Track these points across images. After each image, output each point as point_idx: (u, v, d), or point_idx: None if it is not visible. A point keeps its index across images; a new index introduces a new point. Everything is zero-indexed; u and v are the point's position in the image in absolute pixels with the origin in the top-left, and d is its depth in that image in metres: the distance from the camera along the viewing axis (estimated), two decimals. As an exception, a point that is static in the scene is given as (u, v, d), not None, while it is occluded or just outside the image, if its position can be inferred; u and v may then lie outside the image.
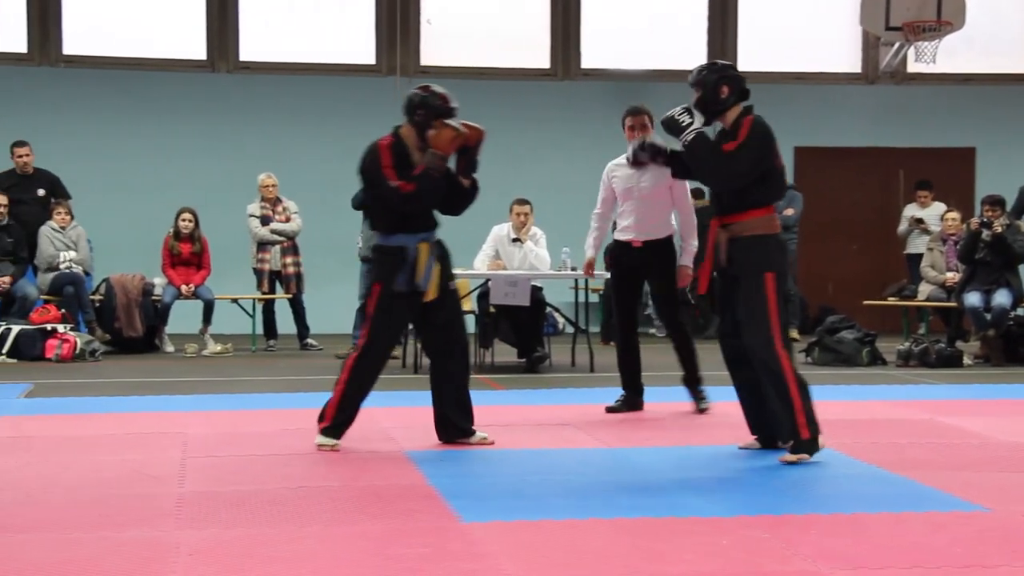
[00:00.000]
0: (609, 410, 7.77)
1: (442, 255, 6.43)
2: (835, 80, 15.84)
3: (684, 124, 6.06)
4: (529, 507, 5.05)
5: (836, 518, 4.86)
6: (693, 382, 7.83)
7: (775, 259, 6.01)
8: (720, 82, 6.08)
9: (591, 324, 11.05)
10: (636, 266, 7.80)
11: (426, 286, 6.29)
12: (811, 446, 5.89)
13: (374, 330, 6.32)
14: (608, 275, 8.64)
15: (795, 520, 4.83)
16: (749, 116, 6.07)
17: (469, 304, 11.53)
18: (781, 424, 6.01)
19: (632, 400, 7.84)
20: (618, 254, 7.89)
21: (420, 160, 6.23)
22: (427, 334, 6.57)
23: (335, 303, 13.59)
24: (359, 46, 15.37)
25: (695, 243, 7.83)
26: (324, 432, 6.36)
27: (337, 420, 6.36)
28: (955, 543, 4.47)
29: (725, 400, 7.27)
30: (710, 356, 7.03)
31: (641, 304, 8.58)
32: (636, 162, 6.65)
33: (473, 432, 6.51)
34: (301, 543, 4.47)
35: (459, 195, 6.41)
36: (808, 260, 14.98)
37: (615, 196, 7.88)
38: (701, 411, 7.74)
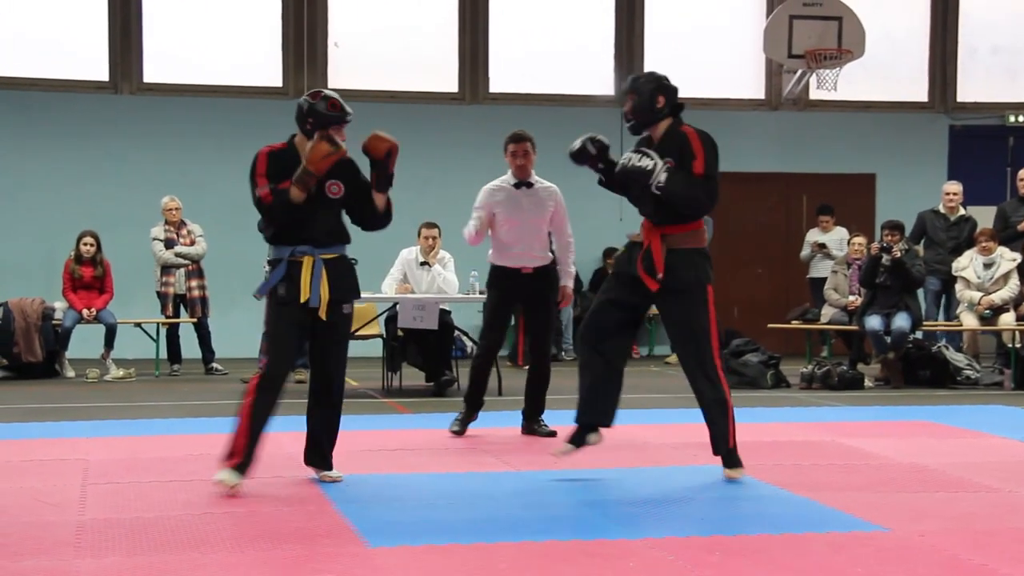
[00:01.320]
0: (455, 432, 7.74)
1: (336, 275, 6.00)
2: (739, 106, 16.09)
3: (649, 168, 5.87)
4: (437, 531, 5.04)
5: (740, 539, 4.92)
6: (539, 413, 7.82)
7: (710, 273, 6.11)
8: (656, 92, 6.06)
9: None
10: (521, 293, 7.76)
11: (316, 302, 5.89)
12: (738, 459, 6.15)
13: (270, 343, 5.95)
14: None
15: (700, 542, 4.87)
16: (689, 127, 6.05)
17: (377, 328, 11.51)
18: (713, 437, 6.13)
19: (467, 423, 7.82)
20: (503, 280, 7.77)
21: (340, 170, 5.97)
22: (311, 355, 6.17)
23: (241, 327, 13.47)
24: (266, 68, 15.29)
25: (574, 267, 7.93)
26: (234, 468, 5.82)
27: (247, 454, 5.86)
28: (856, 563, 4.55)
29: (635, 423, 7.34)
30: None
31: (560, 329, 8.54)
32: (581, 158, 6.21)
33: (331, 466, 6.18)
34: (204, 570, 4.41)
35: (372, 212, 6.10)
36: (715, 283, 15.16)
37: (492, 221, 7.80)
38: (547, 435, 7.67)
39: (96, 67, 14.97)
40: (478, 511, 5.48)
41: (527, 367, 8.06)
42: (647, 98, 6.04)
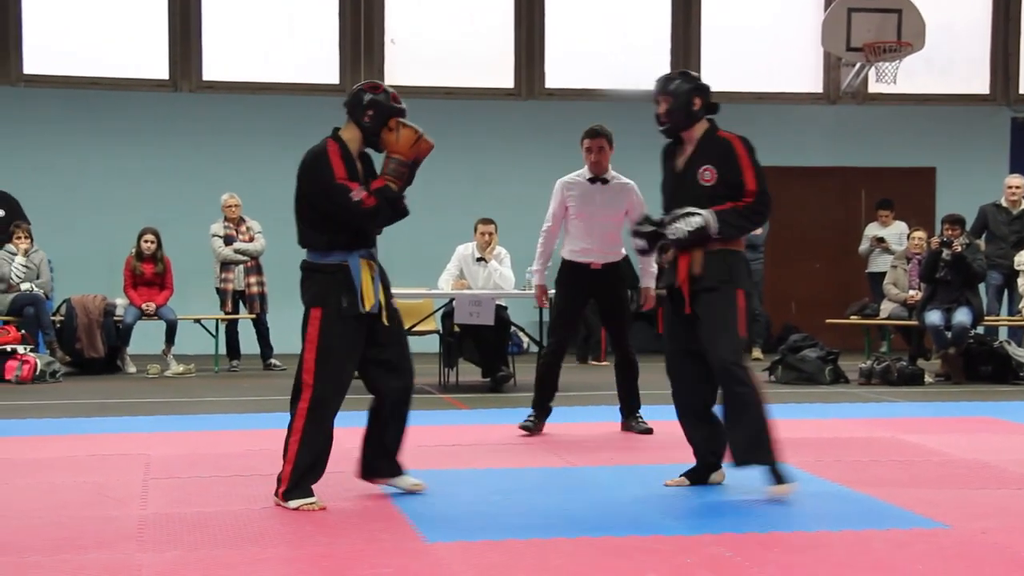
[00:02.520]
0: (524, 428, 7.69)
1: (382, 274, 5.71)
2: (797, 100, 15.98)
3: (702, 225, 5.58)
4: (493, 527, 5.05)
5: (799, 536, 4.89)
6: (634, 408, 7.82)
7: (745, 276, 5.82)
8: (693, 92, 5.81)
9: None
10: (591, 289, 7.76)
11: (377, 308, 5.55)
12: (783, 472, 5.60)
13: (323, 359, 5.47)
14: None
15: (758, 538, 4.85)
16: (729, 134, 5.79)
17: (434, 324, 11.54)
18: (736, 442, 5.66)
19: (541, 423, 7.76)
20: (573, 276, 7.78)
21: (367, 169, 5.64)
22: (372, 369, 5.65)
23: (299, 323, 13.53)
24: (323, 65, 15.37)
25: (655, 267, 7.71)
26: (288, 496, 5.38)
27: (297, 477, 5.41)
28: (916, 560, 4.51)
29: (668, 418, 7.29)
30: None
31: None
32: (640, 237, 5.87)
33: (403, 472, 5.78)
34: (264, 565, 4.45)
35: (397, 209, 5.67)
36: (771, 279, 15.09)
37: (565, 214, 7.82)
38: (644, 432, 7.69)
39: (156, 65, 15.12)
40: (535, 507, 5.48)
41: (613, 363, 7.99)
42: (683, 100, 5.78)
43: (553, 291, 8.19)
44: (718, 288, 5.70)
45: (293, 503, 5.37)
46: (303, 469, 5.43)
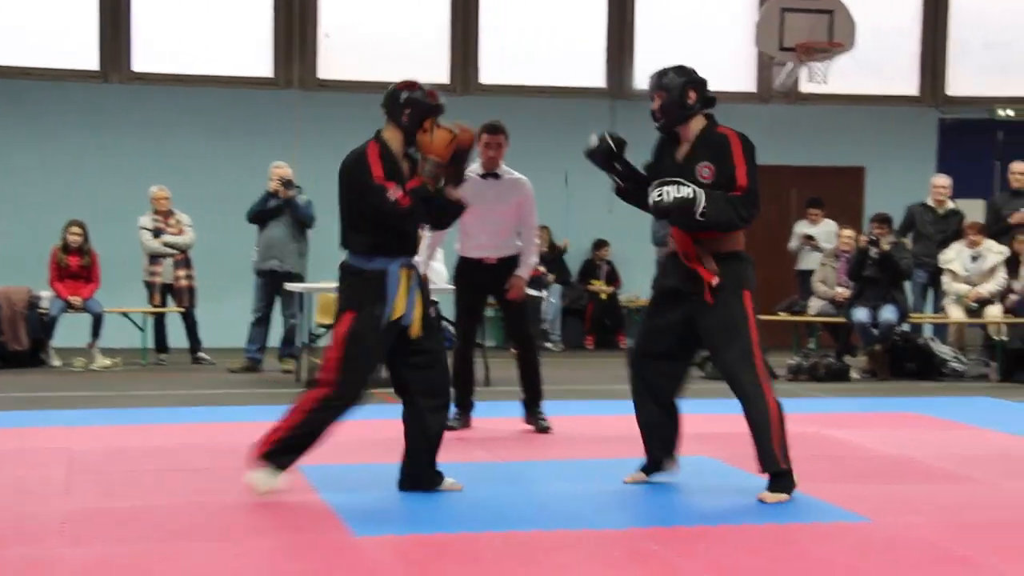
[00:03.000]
0: (451, 428, 7.40)
1: (422, 282, 5.63)
2: (730, 99, 16.06)
3: (691, 197, 5.45)
4: (423, 521, 5.06)
5: (724, 530, 4.95)
6: (535, 402, 7.79)
7: (751, 277, 5.68)
8: (687, 86, 5.65)
9: (487, 338, 11.07)
10: (487, 284, 7.74)
11: (410, 319, 5.47)
12: (788, 481, 5.52)
13: (348, 364, 5.41)
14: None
15: (685, 532, 4.90)
16: (728, 129, 5.66)
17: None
18: (759, 451, 5.58)
19: (466, 417, 7.76)
20: (468, 272, 7.74)
21: (413, 168, 5.57)
22: (406, 374, 5.62)
23: (228, 317, 13.45)
24: (256, 58, 15.24)
25: (535, 259, 7.86)
26: (268, 457, 5.40)
27: (281, 446, 5.42)
28: (839, 554, 4.58)
29: (616, 414, 7.34)
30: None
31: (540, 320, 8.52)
32: (598, 157, 5.74)
33: (442, 479, 5.74)
34: (190, 559, 4.42)
35: (450, 208, 5.68)
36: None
37: None
38: (543, 431, 7.64)
39: (86, 57, 14.92)
40: (465, 501, 5.49)
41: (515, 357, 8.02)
42: (677, 94, 5.62)
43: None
44: (725, 294, 5.56)
45: (260, 476, 5.38)
46: (290, 443, 5.44)
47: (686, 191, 5.48)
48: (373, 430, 7.66)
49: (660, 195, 5.56)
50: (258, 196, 11.77)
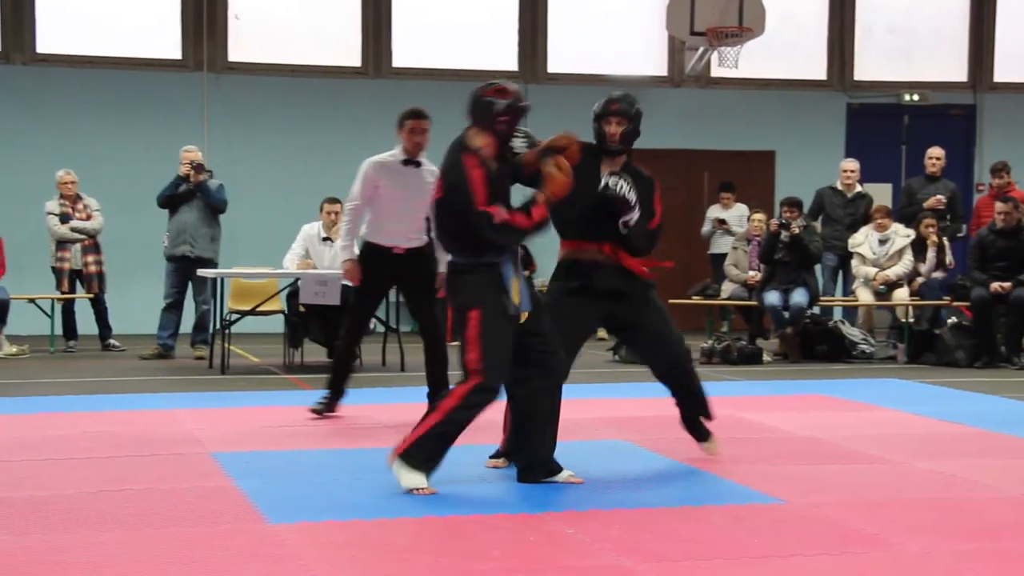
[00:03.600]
0: (314, 411, 7.53)
1: (528, 280, 5.74)
2: (642, 83, 16.18)
3: (632, 204, 5.70)
4: (338, 507, 5.03)
5: (639, 512, 4.98)
6: (442, 388, 7.55)
7: None
8: (640, 119, 5.93)
9: (402, 323, 11.04)
10: (394, 274, 7.62)
11: (525, 307, 5.51)
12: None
13: (490, 355, 5.34)
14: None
15: (600, 515, 4.92)
16: (647, 171, 5.98)
17: (279, 304, 11.41)
18: (704, 406, 6.18)
19: (334, 403, 7.62)
20: (376, 259, 7.60)
21: (502, 169, 5.55)
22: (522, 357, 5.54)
23: (138, 303, 13.29)
24: (164, 40, 15.01)
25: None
26: (406, 458, 5.33)
27: (426, 449, 5.35)
28: (753, 534, 4.63)
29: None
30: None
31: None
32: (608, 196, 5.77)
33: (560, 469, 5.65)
34: (100, 549, 4.36)
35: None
36: (616, 260, 15.27)
37: (374, 194, 7.57)
38: None
39: (-13, 37, 14.60)
40: (380, 487, 5.47)
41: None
42: (635, 126, 5.90)
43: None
44: (647, 289, 6.01)
45: (407, 478, 5.29)
46: (431, 446, 5.34)
47: (632, 196, 5.67)
48: (285, 416, 7.62)
49: (616, 183, 5.69)
50: (168, 180, 11.61)
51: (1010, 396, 8.83)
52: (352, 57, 15.48)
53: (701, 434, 6.25)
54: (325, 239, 10.82)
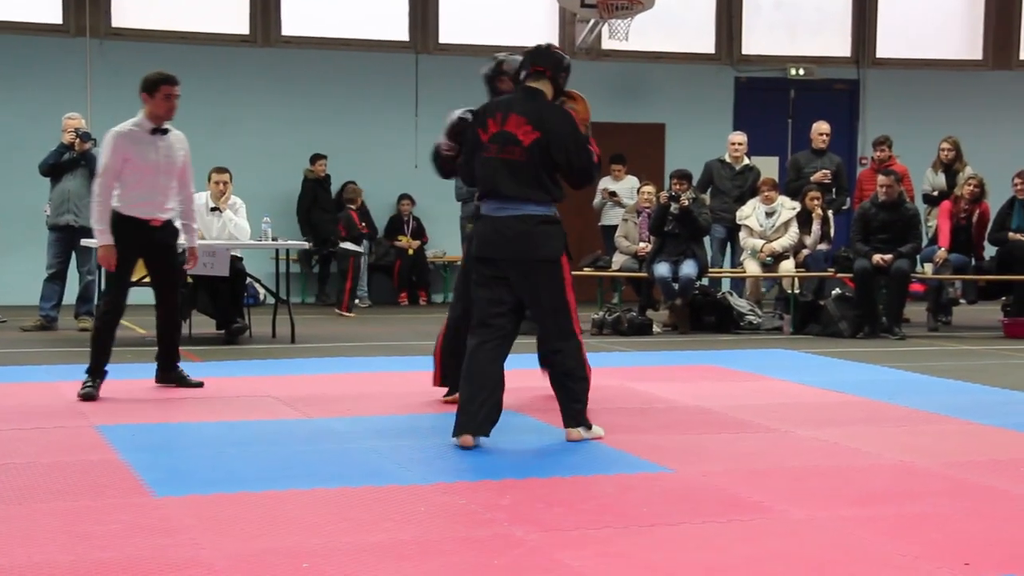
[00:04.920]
0: (84, 397, 7.02)
1: None
2: (533, 55, 16.19)
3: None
4: (226, 480, 4.97)
5: (530, 483, 5.00)
6: (175, 361, 7.55)
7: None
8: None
9: (292, 295, 10.94)
10: (144, 246, 7.29)
11: None
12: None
13: (575, 301, 5.86)
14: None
15: (492, 485, 4.94)
16: None
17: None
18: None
19: (100, 384, 7.19)
20: (131, 231, 7.18)
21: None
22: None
23: (21, 273, 12.98)
24: (45, 5, 14.63)
25: (198, 224, 7.82)
26: (587, 423, 5.91)
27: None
28: (642, 504, 4.68)
29: (423, 370, 7.34)
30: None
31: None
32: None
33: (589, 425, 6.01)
34: (-19, 525, 4.25)
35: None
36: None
37: (123, 167, 7.16)
38: (195, 386, 7.48)
39: None
40: (269, 459, 5.43)
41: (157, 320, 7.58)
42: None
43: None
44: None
45: (595, 431, 5.88)
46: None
47: None
48: (171, 389, 7.51)
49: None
50: (50, 148, 11.34)
51: (891, 366, 9.04)
52: (240, 25, 15.24)
53: None
54: (213, 209, 10.66)
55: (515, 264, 5.75)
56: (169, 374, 7.61)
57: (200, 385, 7.52)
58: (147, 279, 7.75)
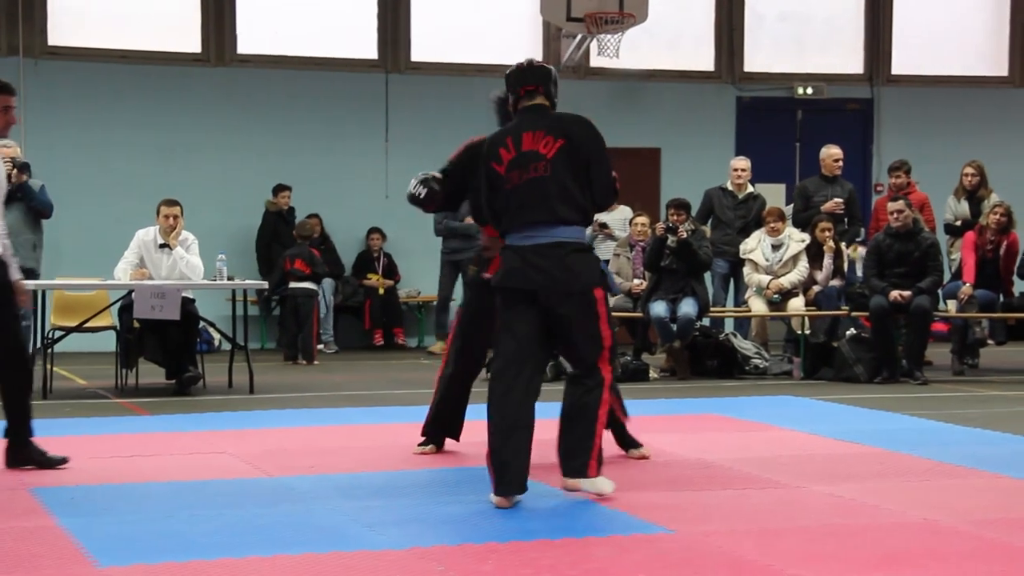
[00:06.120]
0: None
1: None
2: (513, 73, 16.24)
3: None
4: (177, 547, 4.95)
5: (516, 546, 4.98)
6: (29, 427, 6.77)
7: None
8: None
9: (250, 340, 10.92)
10: None
11: None
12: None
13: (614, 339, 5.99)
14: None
15: (472, 550, 4.92)
16: None
17: (109, 319, 11.20)
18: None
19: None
20: None
21: None
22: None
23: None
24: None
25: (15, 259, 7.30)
26: (600, 471, 5.93)
27: (601, 456, 5.99)
28: (638, 569, 4.67)
29: (404, 421, 7.34)
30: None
31: None
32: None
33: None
34: (-97, 601, 4.22)
35: None
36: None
37: None
38: (59, 462, 6.71)
39: None
40: (225, 522, 5.40)
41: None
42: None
43: None
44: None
45: (605, 484, 5.83)
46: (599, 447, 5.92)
47: None
48: (115, 446, 7.48)
49: None
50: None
51: (912, 413, 9.05)
52: (191, 42, 15.28)
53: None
54: (162, 246, 10.65)
55: (548, 296, 5.77)
56: (21, 451, 6.74)
57: (64, 461, 6.69)
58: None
